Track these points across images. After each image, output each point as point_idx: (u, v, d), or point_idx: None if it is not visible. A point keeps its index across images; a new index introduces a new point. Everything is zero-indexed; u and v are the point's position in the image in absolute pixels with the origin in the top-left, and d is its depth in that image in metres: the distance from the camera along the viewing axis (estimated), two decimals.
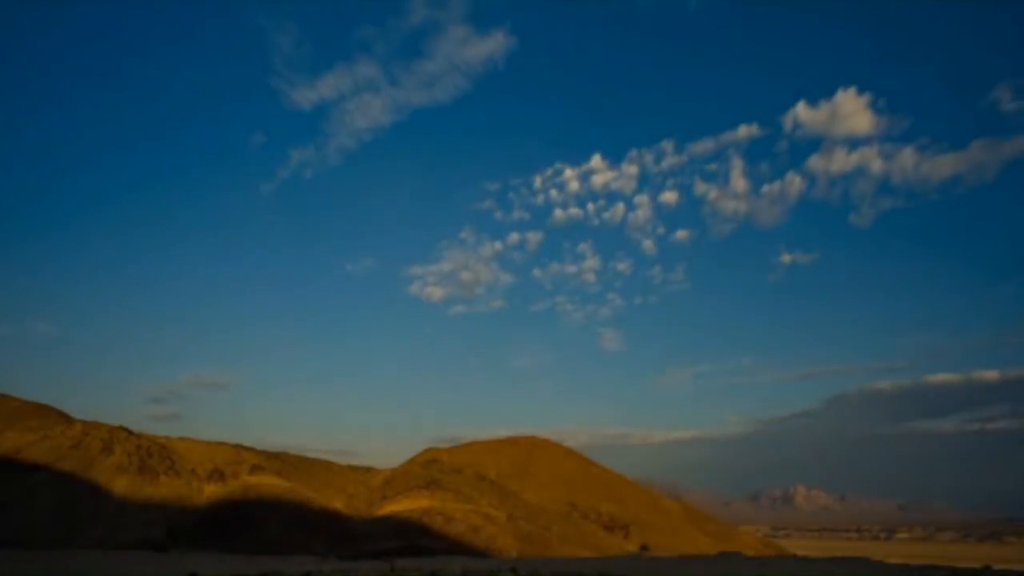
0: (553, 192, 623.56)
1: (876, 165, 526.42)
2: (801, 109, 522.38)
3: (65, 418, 67.01)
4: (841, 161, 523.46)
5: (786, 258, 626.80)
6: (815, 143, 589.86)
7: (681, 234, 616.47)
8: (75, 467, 57.63)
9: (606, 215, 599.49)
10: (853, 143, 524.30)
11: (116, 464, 59.84)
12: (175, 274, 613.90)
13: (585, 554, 58.78)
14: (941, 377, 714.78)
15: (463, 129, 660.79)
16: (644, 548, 69.88)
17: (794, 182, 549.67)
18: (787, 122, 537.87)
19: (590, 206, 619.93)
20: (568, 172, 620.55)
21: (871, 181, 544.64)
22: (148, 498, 57.62)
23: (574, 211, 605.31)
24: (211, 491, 61.96)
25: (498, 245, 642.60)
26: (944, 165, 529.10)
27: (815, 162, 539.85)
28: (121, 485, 57.67)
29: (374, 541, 57.43)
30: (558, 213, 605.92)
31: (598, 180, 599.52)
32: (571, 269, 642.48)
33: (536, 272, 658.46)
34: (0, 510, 50.99)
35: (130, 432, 65.89)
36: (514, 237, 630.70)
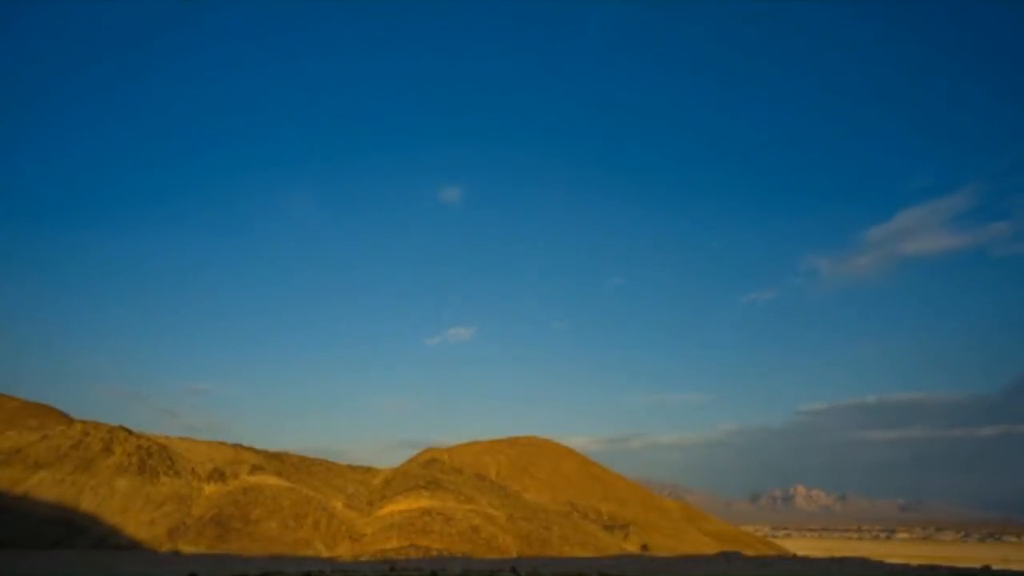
0: None
1: None
2: None
3: (65, 418, 66.96)
4: None
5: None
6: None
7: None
8: (75, 467, 57.62)
9: None
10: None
11: (116, 464, 59.82)
12: (186, 284, 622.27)
13: (585, 554, 58.74)
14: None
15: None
16: (644, 548, 69.80)
17: None
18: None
19: None
20: None
21: None
22: (148, 498, 57.60)
23: None
24: (211, 491, 61.91)
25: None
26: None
27: None
28: (121, 485, 57.65)
29: (374, 541, 57.42)
30: None
31: None
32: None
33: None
34: (0, 510, 50.97)
35: (130, 432, 65.85)
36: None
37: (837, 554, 71.07)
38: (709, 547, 73.88)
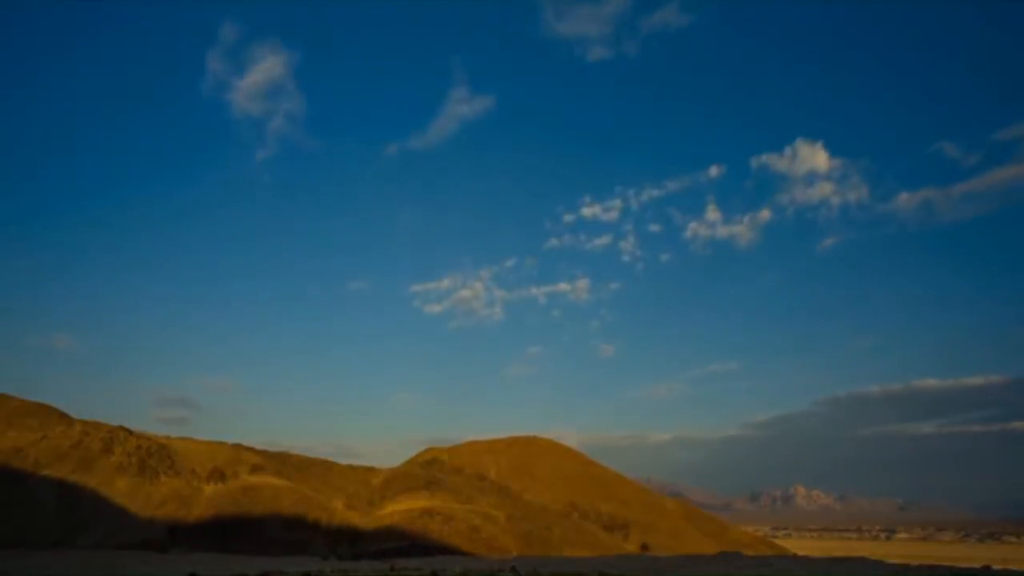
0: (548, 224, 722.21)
1: (835, 200, 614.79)
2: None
3: (65, 418, 66.99)
4: (804, 196, 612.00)
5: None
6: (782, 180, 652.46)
7: (664, 257, 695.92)
8: (75, 467, 57.66)
9: (597, 242, 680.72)
10: (811, 181, 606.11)
11: (116, 464, 59.87)
12: (183, 281, 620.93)
13: (585, 554, 58.77)
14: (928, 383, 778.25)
15: (462, 171, 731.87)
16: (644, 548, 69.85)
17: (763, 213, 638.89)
18: (754, 163, 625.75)
19: (582, 236, 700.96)
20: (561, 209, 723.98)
21: (832, 212, 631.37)
22: (148, 498, 57.63)
23: (568, 239, 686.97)
24: (211, 491, 61.95)
25: (496, 268, 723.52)
26: (896, 202, 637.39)
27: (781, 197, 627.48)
28: (121, 485, 57.70)
29: (374, 541, 57.44)
30: (552, 241, 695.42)
31: (587, 212, 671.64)
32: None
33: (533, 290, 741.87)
34: (1, 510, 51.03)
35: (130, 432, 65.90)
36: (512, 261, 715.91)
37: (837, 554, 71.10)
38: (709, 547, 73.92)
